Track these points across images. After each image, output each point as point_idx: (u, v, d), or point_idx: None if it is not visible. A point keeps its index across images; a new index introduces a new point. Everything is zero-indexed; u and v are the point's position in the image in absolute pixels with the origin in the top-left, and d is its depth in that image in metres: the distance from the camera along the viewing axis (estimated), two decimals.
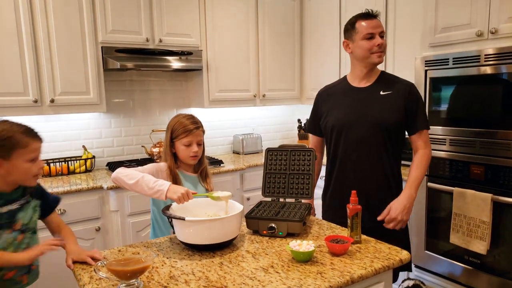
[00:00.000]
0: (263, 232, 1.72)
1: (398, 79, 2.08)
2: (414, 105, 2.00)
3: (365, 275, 1.38)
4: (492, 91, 2.29)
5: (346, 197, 1.72)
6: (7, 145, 1.44)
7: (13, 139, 1.45)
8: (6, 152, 1.45)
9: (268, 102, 3.93)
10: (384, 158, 2.01)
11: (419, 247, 2.73)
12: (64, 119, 3.20)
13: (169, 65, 3.22)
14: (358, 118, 2.02)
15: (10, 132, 1.45)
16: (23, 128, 1.50)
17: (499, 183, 2.29)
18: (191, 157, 1.94)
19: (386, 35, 3.11)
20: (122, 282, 1.29)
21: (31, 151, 1.49)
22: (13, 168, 1.47)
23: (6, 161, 1.46)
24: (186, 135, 1.91)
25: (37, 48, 2.76)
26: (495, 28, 2.29)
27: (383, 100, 2.01)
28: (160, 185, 1.66)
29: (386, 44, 2.06)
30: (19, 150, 1.46)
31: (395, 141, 2.02)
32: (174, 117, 2.00)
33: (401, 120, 1.99)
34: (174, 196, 1.63)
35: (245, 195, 3.37)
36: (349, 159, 2.05)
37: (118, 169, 1.78)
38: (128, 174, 1.73)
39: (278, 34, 3.87)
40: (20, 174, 1.50)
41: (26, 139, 1.48)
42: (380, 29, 1.99)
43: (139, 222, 2.90)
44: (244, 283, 1.31)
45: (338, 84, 2.20)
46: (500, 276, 2.33)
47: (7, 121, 1.51)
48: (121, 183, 1.74)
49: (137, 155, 3.54)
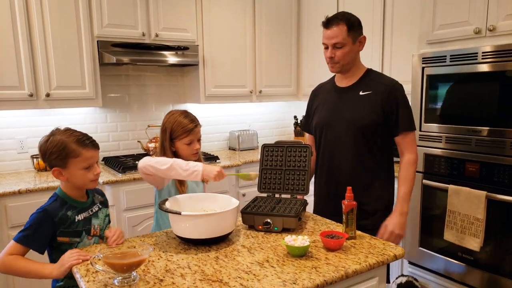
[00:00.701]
0: (258, 227, 1.73)
1: (381, 79, 2.02)
2: (394, 106, 1.93)
3: (360, 270, 1.39)
4: (489, 89, 2.30)
5: (324, 195, 1.90)
6: (62, 155, 1.55)
7: (67, 149, 1.55)
8: (63, 162, 1.55)
9: (265, 98, 3.93)
10: (362, 159, 1.99)
11: (413, 243, 2.75)
12: (59, 114, 3.19)
13: (165, 60, 3.21)
14: (335, 118, 2.04)
15: (64, 143, 1.55)
16: (77, 137, 1.58)
17: (494, 181, 2.31)
18: (193, 154, 1.97)
19: (383, 31, 3.12)
20: (119, 275, 1.29)
21: (84, 160, 1.57)
22: (71, 176, 1.58)
23: (64, 169, 1.57)
24: (187, 135, 1.93)
25: (33, 42, 2.74)
26: (493, 26, 2.29)
27: (360, 100, 1.98)
28: (194, 166, 1.71)
29: (344, 54, 1.94)
30: (73, 159, 1.56)
31: (374, 141, 1.98)
32: (170, 116, 1.97)
33: (378, 121, 1.94)
34: (211, 175, 1.71)
35: (240, 191, 3.37)
36: (327, 159, 2.08)
37: (145, 159, 1.79)
38: (158, 161, 1.75)
39: (275, 30, 3.87)
40: (78, 180, 1.60)
41: (79, 149, 1.56)
42: (333, 40, 1.93)
43: (135, 217, 2.90)
44: (239, 277, 1.31)
45: (327, 83, 2.22)
46: (492, 272, 2.35)
47: (67, 130, 1.60)
48: (152, 170, 1.75)
49: (133, 150, 3.54)
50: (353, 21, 1.94)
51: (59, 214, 1.56)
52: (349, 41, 1.93)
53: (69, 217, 1.58)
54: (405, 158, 1.98)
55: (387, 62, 3.12)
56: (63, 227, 1.56)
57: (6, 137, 3.02)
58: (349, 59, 1.98)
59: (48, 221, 1.53)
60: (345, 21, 1.92)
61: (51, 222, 1.54)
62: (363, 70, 2.06)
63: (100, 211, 1.72)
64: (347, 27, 1.92)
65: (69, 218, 1.58)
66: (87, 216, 1.65)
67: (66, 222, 1.57)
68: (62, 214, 1.57)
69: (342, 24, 1.92)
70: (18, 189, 2.50)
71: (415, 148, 2.00)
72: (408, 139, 1.97)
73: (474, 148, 2.39)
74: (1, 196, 2.46)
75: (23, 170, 3.09)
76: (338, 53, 1.95)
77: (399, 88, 1.98)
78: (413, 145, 1.99)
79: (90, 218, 1.66)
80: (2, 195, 2.46)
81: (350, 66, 2.01)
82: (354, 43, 1.95)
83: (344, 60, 1.97)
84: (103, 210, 1.74)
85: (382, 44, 3.17)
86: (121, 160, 3.21)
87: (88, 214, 1.65)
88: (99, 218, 1.70)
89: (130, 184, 2.86)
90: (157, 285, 1.27)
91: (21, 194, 2.51)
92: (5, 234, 2.48)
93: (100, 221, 1.70)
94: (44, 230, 1.53)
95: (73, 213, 1.60)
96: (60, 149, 1.54)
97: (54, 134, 1.58)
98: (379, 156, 2.01)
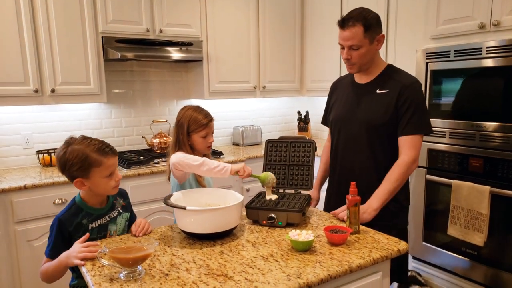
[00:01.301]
0: (263, 222, 1.74)
1: (399, 77, 1.92)
2: (405, 107, 1.85)
3: (364, 265, 1.40)
4: (493, 84, 2.29)
5: (335, 192, 1.89)
6: (84, 165, 1.54)
7: (89, 159, 1.54)
8: (85, 172, 1.55)
9: (268, 94, 3.93)
10: (375, 158, 1.94)
11: (417, 239, 2.75)
12: (64, 109, 3.21)
13: (169, 55, 3.22)
14: (350, 116, 2.00)
15: (84, 154, 1.54)
16: (97, 146, 1.57)
17: (498, 176, 2.30)
18: (208, 147, 2.06)
19: (387, 27, 3.11)
20: (124, 269, 1.31)
21: (106, 168, 1.58)
22: (94, 185, 1.58)
23: (87, 179, 1.56)
24: (203, 128, 2.01)
25: (37, 38, 2.76)
26: (498, 21, 2.28)
27: (376, 99, 1.92)
28: (223, 164, 1.81)
29: (361, 56, 1.86)
30: (95, 168, 1.55)
31: (389, 141, 1.91)
32: (186, 111, 2.04)
33: (392, 120, 1.87)
34: (240, 171, 1.82)
35: (244, 186, 3.39)
36: (340, 155, 2.05)
37: (177, 154, 1.89)
38: (190, 157, 1.85)
39: (279, 25, 3.86)
40: (101, 189, 1.61)
41: (100, 158, 1.56)
42: (349, 42, 1.85)
43: (140, 212, 2.91)
44: (244, 271, 1.32)
45: (346, 77, 2.15)
46: (496, 267, 2.35)
47: (84, 139, 1.59)
48: (186, 167, 1.84)
49: (138, 145, 3.55)
50: (370, 20, 1.84)
51: (73, 223, 1.57)
52: (366, 42, 1.85)
53: (84, 225, 1.59)
54: (400, 159, 1.87)
55: (391, 58, 3.11)
56: (77, 236, 1.56)
57: (11, 132, 3.04)
58: (366, 59, 1.90)
59: (64, 231, 1.55)
60: (362, 21, 1.82)
61: (67, 231, 1.56)
62: (382, 67, 1.97)
63: (120, 216, 1.72)
64: (364, 28, 1.82)
65: (83, 226, 1.59)
66: (102, 223, 1.65)
67: (80, 230, 1.58)
68: (77, 222, 1.58)
69: (358, 25, 1.82)
70: (23, 185, 2.52)
71: (415, 152, 1.86)
72: (409, 142, 1.85)
73: (478, 143, 2.38)
74: (7, 191, 2.48)
75: (29, 165, 3.11)
76: (354, 55, 1.87)
77: (415, 87, 1.88)
78: (412, 148, 1.85)
79: (106, 224, 1.66)
80: (8, 191, 2.48)
81: (368, 65, 1.94)
82: (371, 43, 1.86)
83: (361, 61, 1.90)
84: (124, 215, 1.74)
85: (386, 40, 3.15)
86: (126, 155, 3.22)
87: (105, 221, 1.66)
88: (117, 224, 1.70)
89: (135, 179, 2.87)
90: (162, 279, 1.28)
91: (27, 190, 2.53)
92: (11, 229, 2.51)
93: (119, 227, 1.70)
94: (64, 238, 1.55)
95: (88, 221, 1.61)
96: (81, 159, 1.53)
97: (71, 143, 1.56)
98: (393, 155, 1.91)
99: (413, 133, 1.85)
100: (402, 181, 1.86)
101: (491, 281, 2.38)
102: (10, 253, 2.52)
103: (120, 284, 1.26)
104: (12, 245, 2.52)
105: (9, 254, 2.52)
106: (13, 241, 2.52)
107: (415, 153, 1.86)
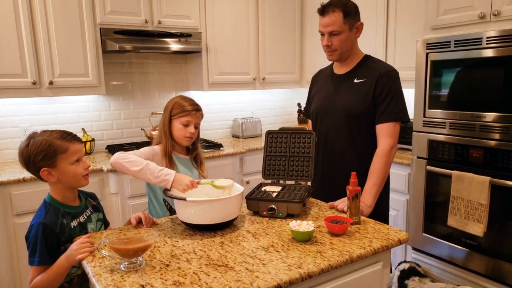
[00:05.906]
0: (263, 213, 1.73)
1: (376, 66, 1.96)
2: (382, 95, 1.89)
3: (364, 255, 1.40)
4: (494, 74, 2.28)
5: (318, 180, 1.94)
6: (49, 153, 1.51)
7: (53, 146, 1.51)
8: (51, 161, 1.51)
9: (268, 86, 3.91)
10: (356, 147, 1.98)
11: (417, 229, 2.76)
12: (63, 102, 3.19)
13: (168, 47, 3.20)
14: (330, 106, 2.04)
15: (48, 141, 1.51)
16: (60, 133, 1.55)
17: (498, 166, 2.30)
18: (186, 137, 1.92)
19: (387, 17, 3.09)
20: (125, 260, 1.30)
21: (72, 154, 1.55)
22: (62, 174, 1.54)
23: (54, 168, 1.53)
24: (186, 114, 1.90)
25: (35, 30, 2.73)
26: (498, 10, 2.27)
27: (354, 88, 1.97)
28: (165, 175, 1.67)
29: (341, 41, 1.90)
30: (61, 155, 1.52)
31: (368, 129, 1.95)
32: (174, 97, 1.98)
33: (370, 109, 1.92)
34: (180, 188, 1.66)
35: (244, 178, 3.38)
36: (322, 146, 2.08)
37: (118, 154, 1.72)
38: (131, 161, 1.69)
39: (278, 17, 3.84)
40: (70, 177, 1.56)
41: (65, 143, 1.54)
42: (329, 28, 1.89)
43: (140, 205, 2.91)
44: (245, 261, 1.32)
45: (326, 70, 2.20)
46: (496, 258, 2.35)
47: (45, 131, 1.57)
48: (122, 169, 1.70)
49: (137, 138, 3.54)
50: (349, 7, 1.90)
51: (57, 224, 1.53)
52: (345, 29, 1.90)
53: (66, 225, 1.55)
54: (378, 149, 1.90)
55: (391, 48, 3.10)
56: (64, 237, 1.53)
57: (10, 125, 3.02)
58: (346, 46, 1.95)
59: (50, 234, 1.50)
60: (341, 7, 1.88)
61: (54, 234, 1.51)
62: (360, 57, 2.03)
63: (92, 215, 1.68)
64: (343, 14, 1.88)
65: (66, 226, 1.55)
66: (82, 221, 1.62)
67: (65, 231, 1.54)
68: (60, 223, 1.53)
69: (338, 11, 1.88)
70: (22, 177, 2.52)
71: (392, 140, 1.89)
72: (386, 130, 1.89)
73: (478, 134, 2.38)
74: (5, 184, 2.47)
75: None
76: (334, 41, 1.93)
77: (391, 76, 1.92)
78: (389, 136, 1.89)
79: (85, 223, 1.63)
80: (7, 183, 2.48)
81: (348, 54, 1.99)
82: (350, 30, 1.92)
83: (341, 48, 1.94)
84: (95, 215, 1.70)
85: (386, 30, 3.14)
86: (124, 148, 3.22)
87: (83, 219, 1.63)
88: (92, 223, 1.67)
89: None
90: (163, 270, 1.28)
91: (26, 182, 2.53)
92: (10, 221, 2.51)
93: (94, 226, 1.67)
94: (52, 243, 1.50)
95: (68, 220, 1.56)
96: (45, 147, 1.50)
97: (33, 137, 1.53)
98: (373, 143, 1.95)
99: (389, 121, 1.89)
100: (386, 171, 1.90)
101: (490, 271, 2.39)
102: (10, 246, 2.52)
103: (121, 275, 1.26)
104: (11, 238, 2.52)
105: (8, 246, 2.52)
106: (12, 233, 2.52)
107: (392, 141, 1.90)
